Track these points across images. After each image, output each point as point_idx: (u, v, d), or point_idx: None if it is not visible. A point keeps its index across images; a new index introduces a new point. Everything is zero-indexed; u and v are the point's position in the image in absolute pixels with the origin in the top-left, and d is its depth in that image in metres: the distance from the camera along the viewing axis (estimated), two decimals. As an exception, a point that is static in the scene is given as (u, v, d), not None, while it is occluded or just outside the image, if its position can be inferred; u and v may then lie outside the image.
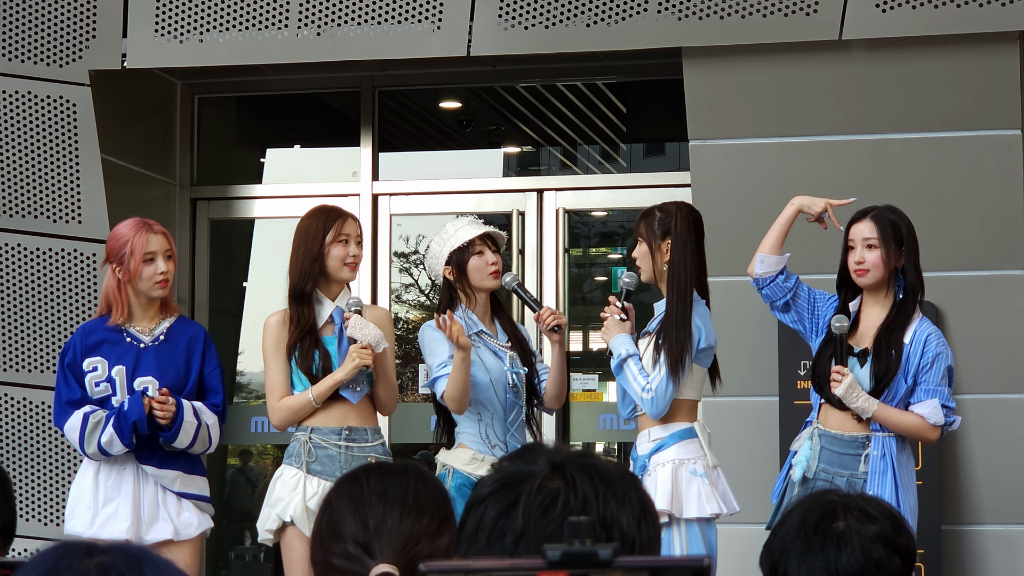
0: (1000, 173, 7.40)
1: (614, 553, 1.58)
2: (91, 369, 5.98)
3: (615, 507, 1.92)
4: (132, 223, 6.08)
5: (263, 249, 9.34)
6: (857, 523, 2.63)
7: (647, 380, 5.72)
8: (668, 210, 5.86)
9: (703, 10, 7.58)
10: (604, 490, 1.92)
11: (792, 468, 5.84)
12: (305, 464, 5.97)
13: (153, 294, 6.00)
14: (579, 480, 1.92)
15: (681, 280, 5.76)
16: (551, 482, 1.92)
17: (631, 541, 1.91)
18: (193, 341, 6.05)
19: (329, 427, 5.98)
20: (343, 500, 2.51)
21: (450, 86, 9.05)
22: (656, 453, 5.74)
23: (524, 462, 1.97)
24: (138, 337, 6.01)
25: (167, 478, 5.96)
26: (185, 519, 6.00)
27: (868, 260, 5.79)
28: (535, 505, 1.90)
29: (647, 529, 1.94)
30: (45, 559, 1.56)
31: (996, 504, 7.34)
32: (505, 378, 5.99)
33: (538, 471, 1.94)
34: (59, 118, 8.20)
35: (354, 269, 6.05)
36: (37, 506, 8.19)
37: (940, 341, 5.79)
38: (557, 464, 1.95)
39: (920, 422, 5.73)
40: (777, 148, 7.63)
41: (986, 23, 7.31)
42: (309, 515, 5.92)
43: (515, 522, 1.90)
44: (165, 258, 6.00)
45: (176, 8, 8.07)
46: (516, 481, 1.93)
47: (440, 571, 1.61)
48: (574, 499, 1.90)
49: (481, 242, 6.03)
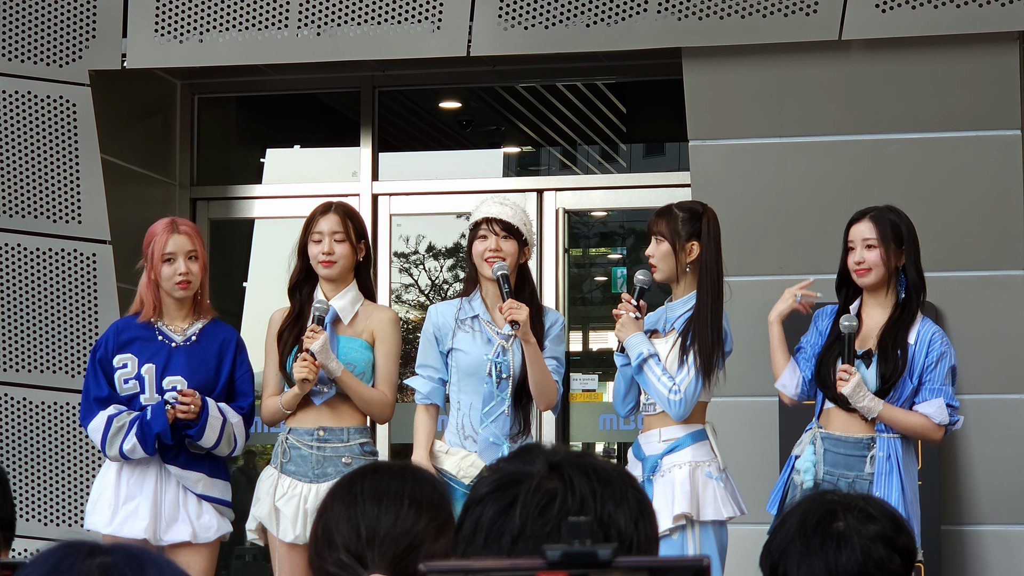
0: (1000, 173, 7.40)
1: (614, 553, 1.58)
2: (121, 366, 5.99)
3: (612, 507, 1.93)
4: (162, 223, 6.07)
5: (263, 249, 9.34)
6: (857, 523, 2.63)
7: (673, 381, 5.69)
8: (695, 210, 5.82)
9: (703, 10, 7.58)
10: (602, 490, 1.93)
11: (794, 474, 5.82)
12: (280, 464, 5.97)
13: (175, 294, 5.99)
14: (576, 480, 1.93)
15: (715, 280, 5.74)
16: (548, 482, 1.93)
17: (628, 541, 1.92)
18: (226, 344, 6.04)
19: (304, 427, 5.97)
20: (337, 506, 2.48)
21: (450, 86, 9.05)
22: (670, 454, 5.72)
23: (522, 463, 1.98)
24: (170, 336, 6.00)
25: (190, 480, 5.95)
26: (204, 522, 5.98)
27: (868, 260, 5.79)
28: (532, 505, 1.90)
29: (644, 529, 1.94)
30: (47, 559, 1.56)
31: (996, 504, 7.34)
32: (481, 366, 5.84)
33: (535, 472, 1.94)
34: (59, 118, 8.20)
35: (328, 266, 5.95)
36: (37, 506, 8.19)
37: (944, 341, 5.79)
38: (555, 464, 1.95)
39: (925, 422, 5.73)
40: (777, 148, 7.63)
41: (986, 23, 7.31)
42: (278, 515, 5.91)
43: (512, 522, 1.90)
44: (187, 259, 5.97)
45: (176, 8, 8.07)
46: (514, 481, 1.93)
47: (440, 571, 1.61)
48: (572, 499, 1.91)
49: (487, 225, 5.87)
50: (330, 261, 5.95)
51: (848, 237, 5.85)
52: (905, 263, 5.81)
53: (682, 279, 5.79)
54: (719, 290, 5.76)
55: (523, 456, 1.99)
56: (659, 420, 5.78)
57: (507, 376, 5.86)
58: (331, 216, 5.98)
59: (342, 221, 5.98)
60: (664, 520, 5.58)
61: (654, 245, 5.81)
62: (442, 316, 5.93)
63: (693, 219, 5.78)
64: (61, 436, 8.17)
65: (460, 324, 5.89)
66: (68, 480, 8.17)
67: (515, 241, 5.86)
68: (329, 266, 5.96)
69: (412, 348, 9.16)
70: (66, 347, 8.18)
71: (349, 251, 5.98)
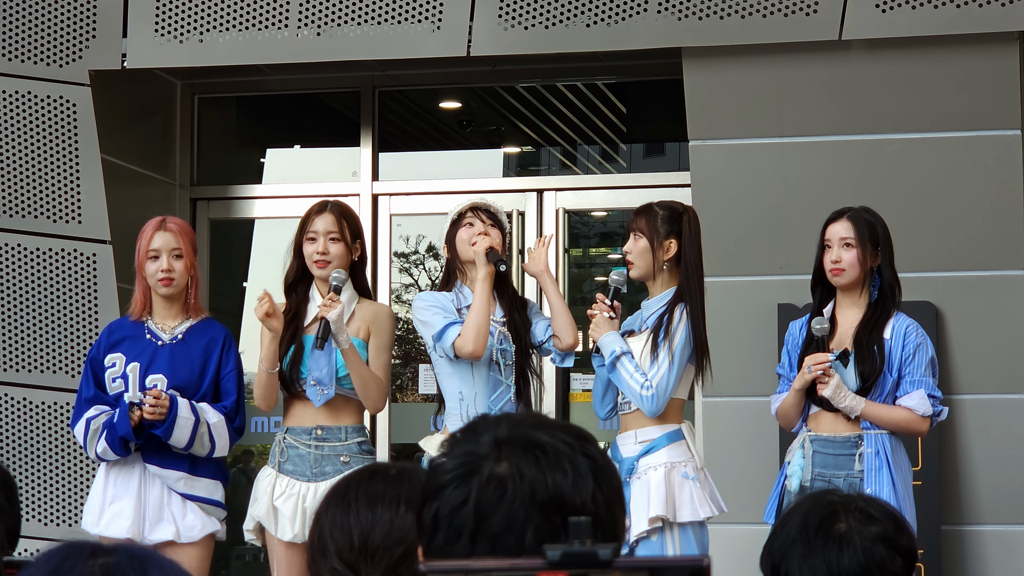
0: (1000, 173, 7.40)
1: (614, 553, 1.58)
2: (110, 365, 6.02)
3: (565, 482, 1.89)
4: (152, 221, 6.10)
5: (263, 249, 9.34)
6: (858, 524, 2.63)
7: (645, 377, 5.69)
8: (675, 208, 5.84)
9: (703, 10, 7.58)
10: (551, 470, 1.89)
11: (786, 481, 5.83)
12: (278, 463, 5.97)
13: (158, 291, 6.00)
14: (522, 463, 1.89)
15: (699, 278, 5.78)
16: (498, 467, 1.90)
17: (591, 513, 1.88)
18: (213, 342, 6.03)
19: (302, 427, 5.96)
20: (331, 512, 2.46)
21: (450, 86, 9.05)
22: (646, 456, 5.70)
23: (468, 442, 1.94)
24: (157, 335, 6.02)
25: (171, 479, 5.95)
26: (189, 521, 5.96)
27: (845, 260, 5.81)
28: (485, 499, 1.88)
29: (603, 497, 1.91)
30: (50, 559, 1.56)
31: (996, 504, 7.35)
32: (488, 354, 5.85)
33: (484, 454, 1.91)
34: (59, 118, 8.20)
35: (322, 266, 5.96)
36: (38, 506, 8.19)
37: (919, 332, 5.80)
38: (501, 441, 1.92)
39: (908, 415, 5.75)
40: (777, 148, 7.63)
41: (986, 23, 7.31)
42: (276, 514, 5.91)
43: (468, 518, 1.89)
44: (171, 256, 5.98)
45: (176, 8, 8.07)
46: (466, 473, 1.90)
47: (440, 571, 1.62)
48: (521, 484, 1.88)
49: (473, 214, 5.90)
50: (324, 261, 5.96)
51: (825, 236, 5.87)
52: (881, 264, 5.82)
53: (658, 277, 5.80)
54: (702, 282, 5.78)
55: (469, 435, 1.96)
56: (635, 420, 5.77)
57: (510, 363, 5.89)
58: (326, 216, 5.99)
59: (337, 221, 5.98)
60: (640, 523, 5.59)
61: (632, 241, 5.82)
62: (437, 299, 5.90)
63: (673, 218, 5.80)
64: (61, 436, 8.17)
65: (458, 312, 5.89)
66: (68, 480, 8.17)
67: (499, 231, 5.92)
68: (323, 266, 5.96)
69: (413, 348, 9.18)
70: (66, 347, 8.19)
71: (344, 251, 5.98)
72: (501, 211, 6.03)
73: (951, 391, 7.24)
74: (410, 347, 9.21)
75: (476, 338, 5.74)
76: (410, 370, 9.15)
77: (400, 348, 9.00)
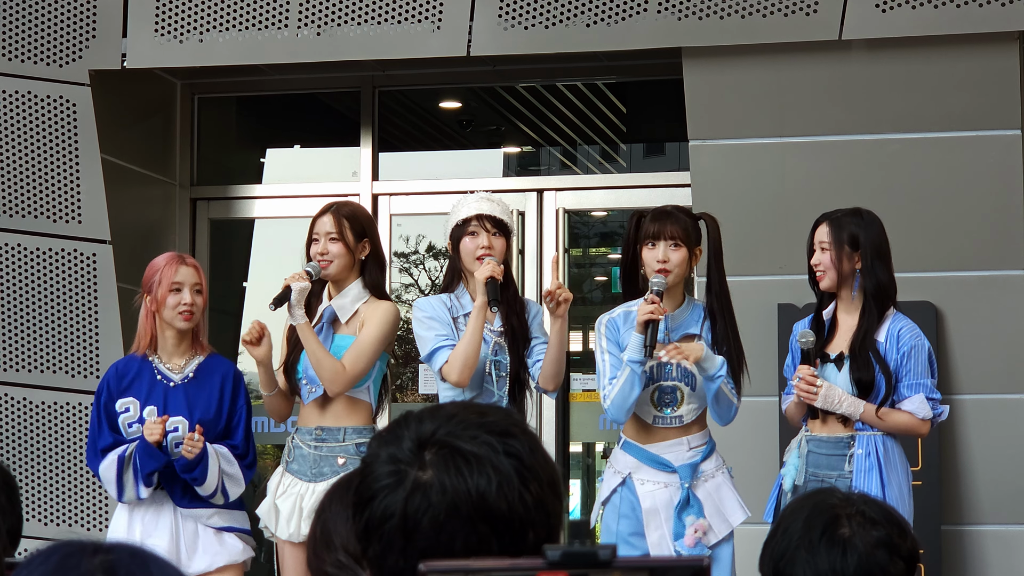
0: (1000, 173, 7.40)
1: (613, 553, 1.58)
2: (123, 410, 6.03)
3: (489, 489, 1.86)
4: (167, 255, 6.15)
5: (263, 249, 9.34)
6: (861, 528, 2.63)
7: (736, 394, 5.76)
8: (693, 215, 5.81)
9: (703, 10, 7.59)
10: (473, 478, 1.86)
11: (782, 478, 5.87)
12: (285, 463, 6.06)
13: (176, 324, 6.01)
14: (443, 474, 1.86)
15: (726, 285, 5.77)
16: (423, 475, 1.87)
17: (519, 517, 1.86)
18: (224, 380, 6.06)
19: (305, 427, 6.02)
20: (335, 507, 2.47)
21: (450, 86, 9.05)
22: (706, 460, 5.74)
23: (391, 444, 1.92)
24: (167, 375, 6.03)
25: (203, 516, 6.00)
26: (228, 546, 6.03)
27: (823, 263, 5.84)
28: (411, 511, 1.86)
29: (531, 497, 1.87)
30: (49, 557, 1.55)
31: (995, 504, 7.35)
32: (481, 366, 5.80)
33: (407, 460, 1.88)
34: (59, 118, 8.20)
35: (325, 267, 5.99)
36: (37, 506, 8.20)
37: (914, 333, 5.80)
38: (423, 443, 1.90)
39: (909, 419, 5.76)
40: (777, 148, 7.63)
41: (986, 23, 7.32)
42: (276, 513, 5.96)
43: (397, 532, 1.86)
44: (193, 291, 6.02)
45: (176, 8, 8.07)
46: (392, 484, 1.87)
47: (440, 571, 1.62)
48: (444, 497, 1.85)
49: (478, 222, 5.89)
50: (325, 261, 6.01)
51: (812, 240, 5.92)
52: (862, 267, 5.80)
53: (676, 287, 5.76)
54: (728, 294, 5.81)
55: (391, 435, 1.93)
56: (686, 428, 5.76)
57: (505, 374, 5.86)
58: (326, 217, 6.05)
59: (336, 221, 6.02)
60: (722, 526, 5.67)
61: (670, 250, 5.67)
62: (435, 310, 5.89)
63: (695, 225, 5.78)
64: (61, 436, 8.17)
65: (454, 322, 5.87)
66: (68, 480, 8.18)
67: (504, 239, 5.91)
68: (325, 266, 6.01)
69: (413, 348, 9.18)
70: (66, 347, 8.19)
71: (343, 251, 6.00)
72: (507, 211, 6.00)
73: (951, 391, 7.25)
74: (410, 347, 9.20)
75: (463, 369, 5.71)
76: (410, 370, 9.16)
77: (400, 348, 9.00)
